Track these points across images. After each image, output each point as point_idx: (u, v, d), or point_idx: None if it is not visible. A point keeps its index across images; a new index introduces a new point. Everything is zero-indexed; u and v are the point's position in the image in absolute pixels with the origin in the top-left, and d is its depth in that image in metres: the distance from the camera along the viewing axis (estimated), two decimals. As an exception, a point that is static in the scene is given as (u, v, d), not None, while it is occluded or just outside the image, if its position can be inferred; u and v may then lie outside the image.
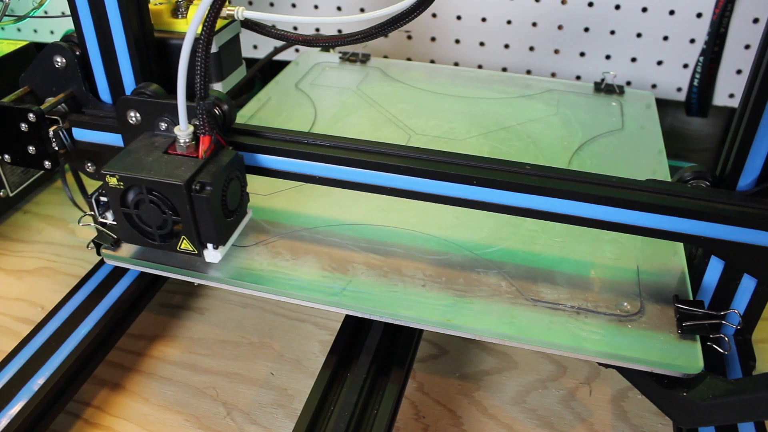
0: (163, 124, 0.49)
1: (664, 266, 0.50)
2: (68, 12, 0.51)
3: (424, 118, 0.69)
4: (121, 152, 0.47)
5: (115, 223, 0.59)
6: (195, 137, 0.46)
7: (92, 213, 0.62)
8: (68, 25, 0.52)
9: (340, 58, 0.83)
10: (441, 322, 0.45)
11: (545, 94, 0.75)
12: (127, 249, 0.51)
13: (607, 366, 0.45)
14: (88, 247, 0.51)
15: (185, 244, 0.47)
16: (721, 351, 0.45)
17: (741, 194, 0.45)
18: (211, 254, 0.47)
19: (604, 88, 0.75)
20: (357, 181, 0.49)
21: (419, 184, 0.47)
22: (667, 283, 0.48)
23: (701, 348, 0.43)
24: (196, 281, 0.49)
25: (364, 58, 0.82)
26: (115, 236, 0.51)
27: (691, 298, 0.47)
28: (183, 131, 0.46)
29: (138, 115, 0.49)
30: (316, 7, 0.90)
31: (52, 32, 0.97)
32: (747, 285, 0.48)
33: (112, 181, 0.45)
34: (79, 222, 0.54)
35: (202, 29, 0.43)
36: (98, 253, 0.51)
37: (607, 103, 0.73)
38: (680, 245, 0.51)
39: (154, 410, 0.53)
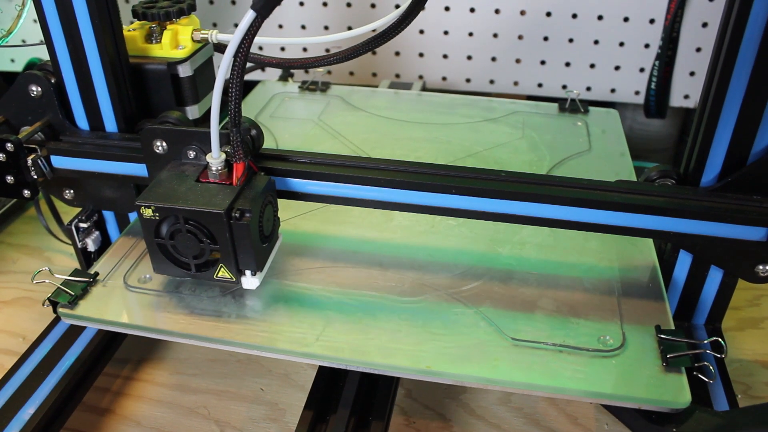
0: (191, 152, 0.48)
1: (644, 293, 0.49)
2: (31, 41, 0.51)
3: (389, 148, 0.68)
4: (152, 183, 0.46)
5: (93, 250, 0.61)
6: (227, 164, 0.46)
7: (68, 241, 0.62)
8: (31, 53, 0.52)
9: (300, 87, 0.80)
10: (420, 369, 0.43)
11: (510, 117, 0.73)
12: (86, 307, 0.48)
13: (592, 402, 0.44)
14: (44, 305, 0.48)
15: (223, 272, 0.46)
16: (707, 380, 0.45)
17: (705, 190, 0.47)
18: (249, 281, 0.46)
19: (568, 107, 0.74)
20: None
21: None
22: (648, 309, 0.47)
23: (687, 379, 0.42)
24: (161, 337, 0.47)
25: (324, 87, 0.79)
26: (73, 293, 0.48)
27: (673, 327, 0.45)
28: (215, 159, 0.46)
29: (165, 144, 0.48)
30: (280, 26, 0.91)
31: (12, 60, 0.96)
32: (714, 276, 0.51)
33: (147, 212, 0.44)
34: (33, 280, 0.50)
35: (236, 55, 0.42)
36: (54, 312, 0.48)
37: (573, 123, 0.72)
38: (657, 269, 0.51)
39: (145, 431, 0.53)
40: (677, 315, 0.53)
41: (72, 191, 0.58)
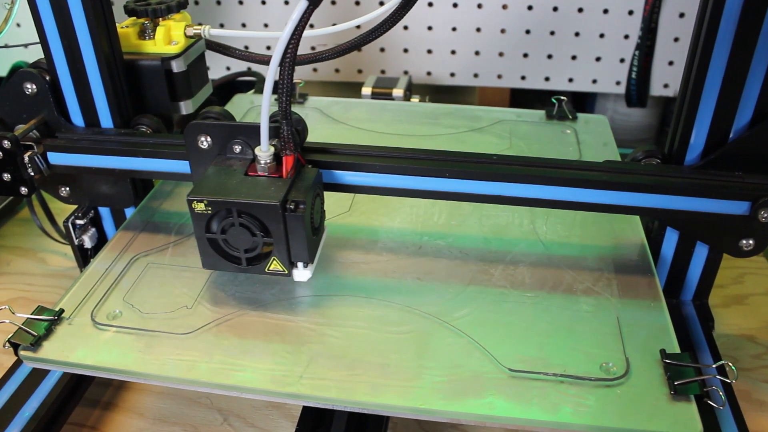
0: (237, 146, 0.48)
1: (644, 315, 0.46)
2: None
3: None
4: (200, 178, 0.46)
5: (89, 247, 0.61)
6: (275, 157, 0.46)
7: (63, 241, 0.63)
8: (14, 57, 0.53)
9: (276, 100, 0.79)
10: (412, 408, 0.40)
11: (496, 126, 0.70)
12: (50, 348, 0.44)
13: None
14: (4, 346, 0.44)
15: (275, 265, 0.46)
16: (716, 406, 0.42)
17: (689, 168, 0.49)
18: (301, 273, 0.46)
19: (555, 114, 0.71)
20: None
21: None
22: (650, 333, 0.45)
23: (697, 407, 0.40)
24: (132, 379, 0.44)
25: (302, 99, 0.76)
26: (36, 334, 0.44)
27: (678, 351, 0.43)
28: (264, 152, 0.46)
29: (209, 139, 0.48)
30: (266, 25, 0.92)
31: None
32: (700, 253, 0.53)
33: (199, 206, 0.44)
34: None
35: (286, 48, 0.42)
36: (16, 354, 0.44)
37: (561, 131, 0.69)
38: (659, 288, 0.49)
39: (150, 424, 0.53)
40: (666, 292, 0.55)
41: (68, 188, 0.58)
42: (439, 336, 0.45)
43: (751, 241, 0.49)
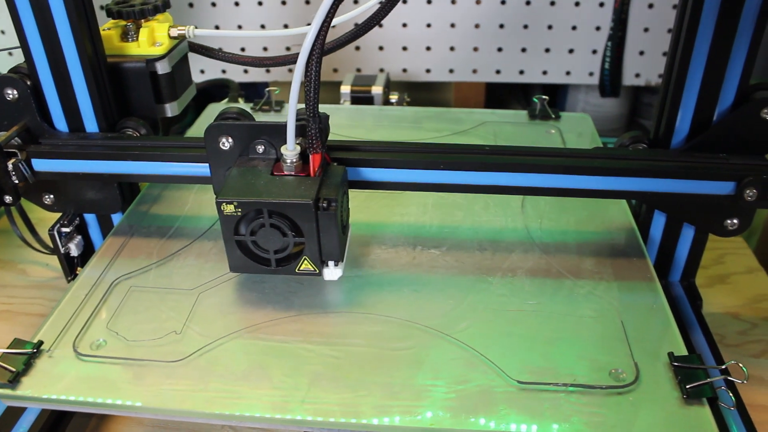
0: (260, 146, 0.47)
1: (647, 316, 0.46)
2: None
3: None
4: (226, 179, 0.46)
5: (76, 255, 0.60)
6: (301, 156, 0.46)
7: (45, 251, 0.61)
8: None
9: (252, 108, 0.75)
10: (423, 428, 0.38)
11: (479, 128, 0.69)
12: (30, 385, 0.41)
13: None
14: None
15: (306, 265, 0.45)
16: (726, 406, 0.42)
17: (676, 151, 0.50)
18: (332, 272, 0.46)
19: (538, 114, 0.71)
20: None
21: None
22: (655, 335, 0.44)
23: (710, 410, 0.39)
24: (124, 413, 0.43)
25: (278, 107, 0.75)
26: (14, 369, 0.41)
27: (685, 353, 0.43)
28: (291, 151, 0.45)
29: (230, 140, 0.48)
30: (239, 26, 0.92)
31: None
32: (687, 234, 0.54)
33: (229, 208, 0.43)
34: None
35: (314, 43, 0.42)
36: None
37: (546, 131, 0.68)
38: (660, 292, 0.48)
39: (149, 430, 0.53)
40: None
41: (52, 196, 0.57)
42: (442, 350, 0.43)
43: (735, 221, 0.51)
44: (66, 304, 0.48)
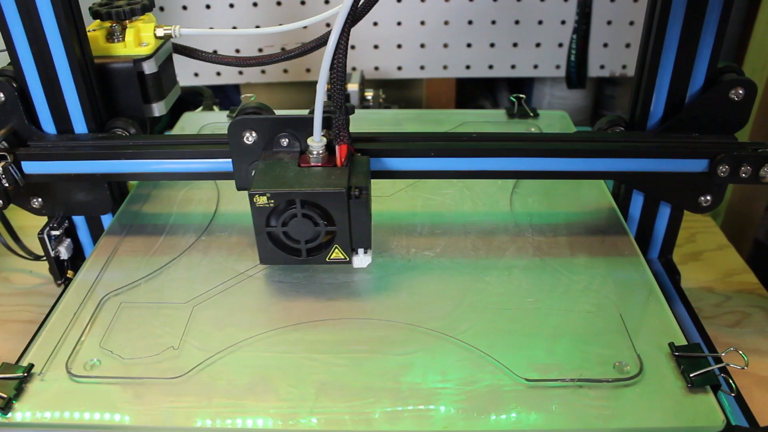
0: (284, 139, 0.48)
1: (643, 307, 0.46)
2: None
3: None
4: (255, 172, 0.46)
5: (66, 258, 0.60)
6: (327, 147, 0.47)
7: (28, 257, 0.61)
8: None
9: (228, 116, 0.73)
10: None
11: (460, 129, 0.69)
12: (23, 410, 0.39)
13: None
14: None
15: (337, 253, 0.46)
16: (729, 392, 0.41)
17: (651, 133, 0.53)
18: (362, 259, 0.47)
19: (517, 113, 0.71)
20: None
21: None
22: (653, 326, 0.45)
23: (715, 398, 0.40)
24: None
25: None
26: (5, 395, 0.39)
27: (684, 342, 0.43)
28: (317, 142, 0.47)
29: (254, 134, 0.48)
30: (211, 28, 0.92)
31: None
32: (663, 212, 0.57)
33: (261, 200, 0.44)
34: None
35: (338, 38, 0.43)
36: None
37: (526, 129, 0.69)
38: (656, 287, 0.49)
39: None
40: (634, 252, 0.59)
41: (40, 199, 0.57)
42: (447, 352, 0.43)
43: (708, 197, 0.54)
44: (54, 323, 0.46)
